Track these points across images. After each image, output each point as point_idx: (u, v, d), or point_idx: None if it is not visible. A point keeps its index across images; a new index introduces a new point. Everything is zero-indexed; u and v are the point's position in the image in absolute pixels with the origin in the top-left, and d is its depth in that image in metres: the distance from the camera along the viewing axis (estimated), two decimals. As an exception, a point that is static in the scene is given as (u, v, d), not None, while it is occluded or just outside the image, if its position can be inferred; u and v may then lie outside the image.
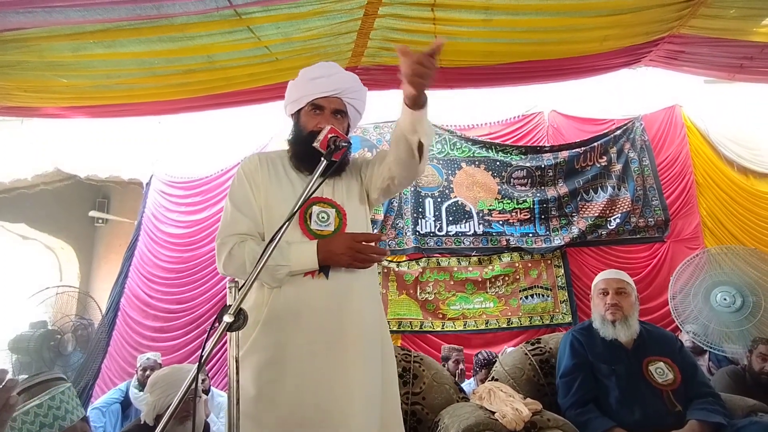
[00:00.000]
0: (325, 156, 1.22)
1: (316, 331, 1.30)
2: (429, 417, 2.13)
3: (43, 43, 2.44)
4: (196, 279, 4.41)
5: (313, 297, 1.32)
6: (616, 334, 2.01)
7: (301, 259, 1.29)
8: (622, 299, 2.06)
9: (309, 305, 1.31)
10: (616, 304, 2.04)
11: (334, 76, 1.47)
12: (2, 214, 5.28)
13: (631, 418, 1.78)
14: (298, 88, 1.47)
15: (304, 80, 1.47)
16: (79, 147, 4.59)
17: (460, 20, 2.68)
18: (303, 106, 1.46)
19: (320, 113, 1.44)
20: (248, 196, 1.42)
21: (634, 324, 2.03)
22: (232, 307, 1.01)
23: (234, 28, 2.52)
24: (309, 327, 1.30)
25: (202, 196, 4.65)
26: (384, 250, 1.37)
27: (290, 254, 1.29)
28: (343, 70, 1.51)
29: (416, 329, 4.19)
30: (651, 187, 4.54)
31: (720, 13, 2.87)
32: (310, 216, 1.38)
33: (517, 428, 1.70)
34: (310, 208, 1.38)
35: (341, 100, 1.46)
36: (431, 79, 1.18)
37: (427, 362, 2.32)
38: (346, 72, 1.51)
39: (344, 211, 1.42)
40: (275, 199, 1.40)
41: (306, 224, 1.37)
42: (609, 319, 2.04)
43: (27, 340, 2.83)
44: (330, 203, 1.42)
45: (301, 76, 1.49)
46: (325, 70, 1.47)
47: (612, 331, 2.02)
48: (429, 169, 4.61)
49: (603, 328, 2.05)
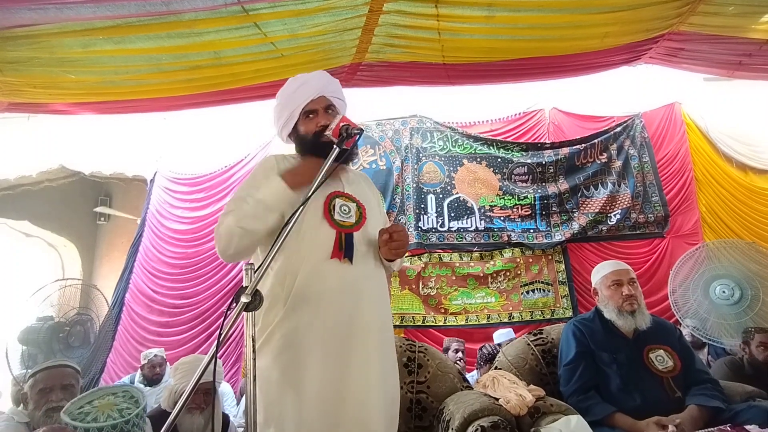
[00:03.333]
0: (338, 143, 1.26)
1: (337, 314, 1.34)
2: (434, 405, 2.16)
3: (54, 40, 2.48)
4: (200, 274, 4.46)
5: (335, 280, 1.36)
6: (636, 323, 2.01)
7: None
8: (636, 289, 2.07)
9: (331, 288, 1.35)
10: (633, 295, 2.03)
11: (309, 80, 1.53)
12: (6, 211, 5.32)
13: (631, 404, 1.82)
14: (285, 108, 1.52)
15: (285, 99, 1.53)
16: (84, 144, 4.63)
17: (463, 17, 2.72)
18: (297, 119, 1.51)
19: (315, 116, 1.49)
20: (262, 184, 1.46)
21: (647, 312, 2.05)
22: (249, 288, 1.05)
23: (241, 24, 2.56)
24: (329, 311, 1.34)
25: (206, 192, 4.69)
26: None
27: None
28: (309, 75, 1.56)
29: (419, 324, 4.23)
30: (651, 183, 4.60)
31: (719, 10, 2.90)
32: (334, 207, 1.43)
33: (521, 413, 1.75)
34: (333, 200, 1.43)
35: (325, 97, 1.52)
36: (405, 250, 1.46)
37: (432, 352, 2.36)
38: (314, 73, 1.57)
39: (364, 206, 1.48)
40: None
41: (330, 214, 1.41)
42: (628, 309, 2.03)
43: (37, 332, 2.88)
44: (351, 198, 1.48)
45: (280, 98, 1.55)
46: (297, 82, 1.53)
47: (632, 322, 2.01)
48: (431, 165, 4.66)
49: (621, 319, 2.03)
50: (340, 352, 1.31)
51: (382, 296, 1.47)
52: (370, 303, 1.39)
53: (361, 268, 1.40)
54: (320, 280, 1.34)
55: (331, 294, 1.34)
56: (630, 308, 2.03)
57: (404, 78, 3.60)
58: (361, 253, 1.41)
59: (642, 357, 1.94)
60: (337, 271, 1.36)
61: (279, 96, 1.55)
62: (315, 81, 1.52)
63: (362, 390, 1.30)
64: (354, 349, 1.32)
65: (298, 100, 1.49)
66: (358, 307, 1.36)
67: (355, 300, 1.37)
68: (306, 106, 1.49)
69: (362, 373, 1.32)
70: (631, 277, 2.10)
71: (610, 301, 2.09)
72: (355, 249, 1.39)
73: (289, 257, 1.35)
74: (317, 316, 1.32)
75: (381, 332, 1.41)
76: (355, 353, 1.32)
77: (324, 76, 1.56)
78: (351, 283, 1.37)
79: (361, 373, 1.31)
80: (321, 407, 1.27)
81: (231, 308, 1.07)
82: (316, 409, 1.27)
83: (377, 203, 1.62)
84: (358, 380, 1.31)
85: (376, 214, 1.54)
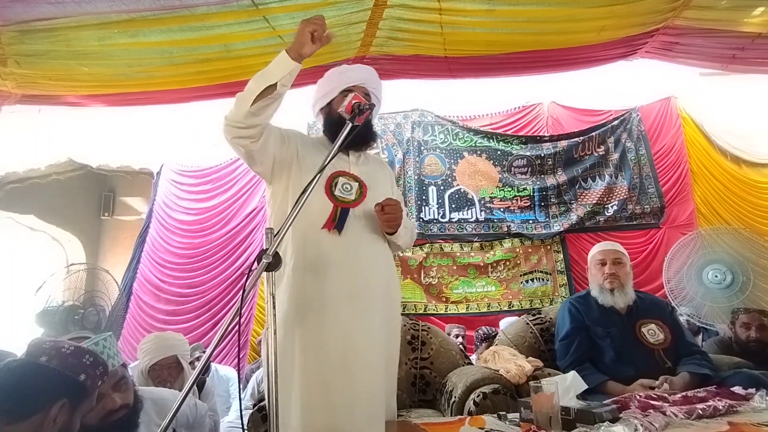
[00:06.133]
0: (350, 119, 1.37)
1: (339, 285, 1.48)
2: (437, 380, 2.27)
3: (72, 33, 2.57)
4: (207, 264, 4.56)
5: (330, 253, 1.50)
6: (614, 301, 2.14)
7: (274, 62, 1.39)
8: (619, 269, 2.18)
9: (328, 261, 1.49)
10: (614, 274, 2.16)
11: (359, 69, 1.71)
12: (12, 205, 5.40)
13: (625, 374, 1.92)
14: (328, 83, 1.68)
15: (332, 76, 1.69)
16: (93, 137, 4.70)
17: (465, 10, 2.82)
18: (335, 96, 1.65)
19: (350, 94, 1.61)
20: (279, 132, 1.59)
21: (630, 291, 2.16)
22: (270, 249, 1.16)
23: (251, 18, 2.65)
24: (331, 281, 1.48)
25: (212, 184, 4.80)
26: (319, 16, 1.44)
27: (265, 68, 1.40)
28: (359, 65, 1.76)
29: (420, 312, 4.34)
30: (647, 175, 4.71)
31: (712, 3, 3.00)
32: (336, 184, 1.56)
33: (520, 382, 1.86)
34: (336, 179, 1.57)
35: (366, 88, 1.67)
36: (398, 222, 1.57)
37: (434, 331, 2.47)
38: (364, 66, 1.76)
39: (366, 186, 1.61)
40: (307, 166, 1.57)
41: (331, 190, 1.55)
42: (607, 287, 2.16)
43: (53, 314, 2.98)
44: (355, 178, 1.61)
45: (329, 74, 1.71)
46: (347, 67, 1.72)
47: (611, 299, 2.14)
48: (432, 158, 4.77)
49: (602, 296, 2.17)
50: (342, 311, 1.45)
51: (379, 265, 1.59)
52: (366, 272, 1.53)
53: (356, 239, 1.53)
54: (316, 255, 1.49)
55: (328, 268, 1.48)
56: (609, 286, 2.16)
57: (407, 71, 3.69)
58: (360, 226, 1.55)
59: (634, 331, 2.04)
60: (330, 244, 1.50)
61: (327, 74, 1.70)
62: (363, 71, 1.70)
63: (362, 351, 1.44)
64: (355, 319, 1.46)
65: (342, 80, 1.65)
66: (355, 278, 1.50)
67: (352, 271, 1.51)
68: (347, 87, 1.63)
69: (365, 334, 1.45)
70: (616, 257, 2.22)
71: (594, 279, 2.25)
72: (349, 222, 1.52)
73: (294, 226, 1.48)
74: (318, 288, 1.46)
75: (380, 299, 1.54)
76: (357, 322, 1.46)
77: (372, 71, 1.72)
78: (343, 255, 1.50)
79: (363, 333, 1.45)
80: (323, 361, 1.41)
81: (252, 269, 1.18)
82: (317, 362, 1.41)
83: (389, 183, 1.75)
84: (362, 350, 1.44)
85: (386, 192, 1.66)
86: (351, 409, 1.39)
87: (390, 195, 1.68)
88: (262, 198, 4.60)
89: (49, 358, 1.25)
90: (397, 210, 1.54)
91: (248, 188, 4.69)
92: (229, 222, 4.65)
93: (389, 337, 1.58)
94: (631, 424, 1.20)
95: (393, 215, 1.52)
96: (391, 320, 1.61)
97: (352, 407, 1.39)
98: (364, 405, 1.40)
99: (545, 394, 1.24)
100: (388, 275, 1.64)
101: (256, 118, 1.40)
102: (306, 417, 1.37)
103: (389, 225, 1.55)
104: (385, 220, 1.53)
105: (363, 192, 1.60)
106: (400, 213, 1.55)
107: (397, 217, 1.54)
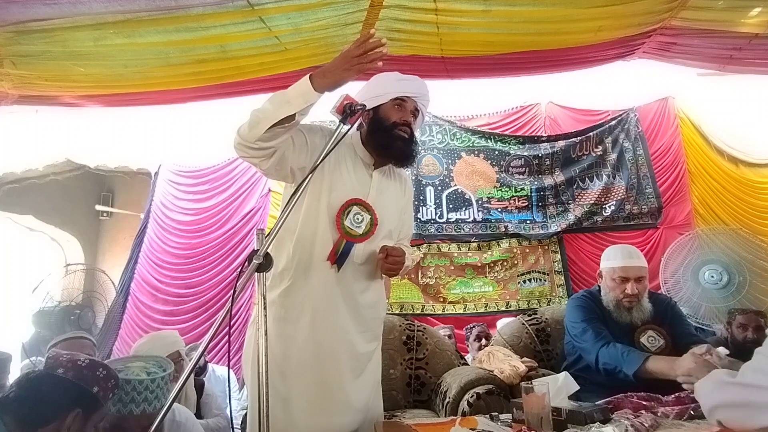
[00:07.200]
0: (341, 120, 1.37)
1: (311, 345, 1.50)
2: (432, 380, 2.28)
3: (67, 34, 2.57)
4: (204, 264, 4.56)
5: (320, 281, 1.51)
6: (632, 318, 2.02)
7: (296, 88, 1.35)
8: (641, 287, 2.03)
9: (318, 288, 1.51)
10: (636, 295, 2.01)
11: (417, 81, 1.67)
12: (11, 205, 5.40)
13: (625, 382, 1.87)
14: (384, 85, 1.63)
15: (391, 79, 1.64)
16: (90, 138, 4.71)
17: (461, 11, 2.82)
18: (386, 102, 1.61)
19: (402, 109, 1.61)
20: (304, 138, 1.53)
21: (645, 304, 2.04)
22: (261, 250, 1.16)
23: (246, 18, 2.65)
24: (321, 319, 1.51)
25: (210, 184, 4.80)
26: (380, 42, 1.35)
27: (287, 93, 1.36)
28: (417, 78, 1.70)
29: (417, 312, 4.34)
30: (645, 175, 4.71)
31: (709, 4, 3.00)
32: (348, 214, 1.52)
33: (514, 382, 1.86)
34: (350, 207, 1.53)
35: (417, 103, 1.65)
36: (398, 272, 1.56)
37: (430, 331, 2.48)
38: (421, 80, 1.70)
39: (377, 221, 1.56)
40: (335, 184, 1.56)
41: (342, 219, 1.51)
42: (626, 306, 2.03)
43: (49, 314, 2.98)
44: (368, 208, 1.56)
45: (388, 76, 1.66)
46: (406, 76, 1.67)
47: (628, 317, 2.02)
48: (430, 158, 4.76)
49: (617, 312, 2.05)
50: (326, 325, 1.51)
51: (373, 298, 1.62)
52: (360, 309, 1.57)
53: (349, 276, 1.53)
54: (312, 277, 1.51)
55: (318, 293, 1.51)
56: (629, 305, 2.02)
57: (404, 71, 3.67)
58: (359, 262, 1.54)
59: (633, 342, 1.99)
60: (326, 272, 1.51)
61: (386, 74, 1.65)
62: (420, 85, 1.66)
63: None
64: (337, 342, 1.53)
65: (399, 88, 1.61)
66: (347, 315, 1.54)
67: (344, 309, 1.53)
68: (402, 96, 1.60)
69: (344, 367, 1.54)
70: (639, 275, 2.04)
71: (611, 293, 2.07)
72: (351, 258, 1.51)
73: (300, 241, 1.50)
74: (298, 329, 1.51)
75: (360, 330, 1.58)
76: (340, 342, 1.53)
77: (426, 87, 1.68)
78: (333, 287, 1.51)
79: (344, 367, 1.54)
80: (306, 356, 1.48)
81: (243, 270, 1.18)
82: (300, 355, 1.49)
83: (398, 211, 1.70)
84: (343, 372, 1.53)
85: (392, 222, 1.66)
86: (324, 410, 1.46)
87: (394, 220, 1.67)
88: (260, 198, 4.60)
89: (66, 370, 1.33)
90: (401, 262, 1.51)
91: (246, 189, 4.69)
92: (227, 222, 4.65)
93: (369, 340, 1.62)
94: (621, 424, 1.20)
95: (395, 267, 1.50)
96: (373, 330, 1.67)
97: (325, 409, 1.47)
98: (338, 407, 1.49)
99: (536, 395, 1.24)
100: (376, 309, 1.67)
101: (269, 142, 1.38)
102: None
103: (389, 272, 1.53)
104: (386, 269, 1.51)
105: (372, 227, 1.55)
106: (402, 264, 1.52)
107: (398, 268, 1.51)
